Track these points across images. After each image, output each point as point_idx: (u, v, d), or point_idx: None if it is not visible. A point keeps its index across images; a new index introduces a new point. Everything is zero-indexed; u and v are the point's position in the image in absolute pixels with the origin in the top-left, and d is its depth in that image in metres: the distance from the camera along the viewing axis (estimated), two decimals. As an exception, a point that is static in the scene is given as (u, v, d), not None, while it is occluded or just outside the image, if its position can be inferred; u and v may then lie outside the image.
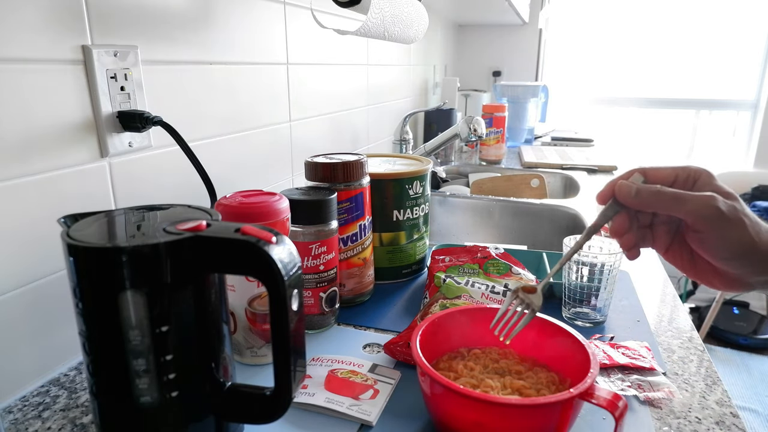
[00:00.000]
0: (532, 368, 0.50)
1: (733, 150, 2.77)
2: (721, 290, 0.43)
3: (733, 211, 0.39)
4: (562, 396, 0.40)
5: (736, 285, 0.42)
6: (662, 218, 0.44)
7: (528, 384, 0.47)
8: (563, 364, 0.49)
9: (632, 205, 0.42)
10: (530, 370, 0.50)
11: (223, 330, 0.41)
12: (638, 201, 0.42)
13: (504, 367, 0.50)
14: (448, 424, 0.44)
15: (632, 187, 0.42)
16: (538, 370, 0.50)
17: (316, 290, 0.64)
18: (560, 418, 0.41)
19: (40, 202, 0.52)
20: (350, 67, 1.18)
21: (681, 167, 0.43)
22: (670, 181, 0.43)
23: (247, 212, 0.52)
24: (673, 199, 0.40)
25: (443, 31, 2.09)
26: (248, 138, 0.83)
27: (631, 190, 0.42)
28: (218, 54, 0.74)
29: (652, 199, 0.41)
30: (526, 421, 0.41)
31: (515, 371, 0.50)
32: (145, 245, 0.34)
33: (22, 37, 0.48)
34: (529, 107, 2.13)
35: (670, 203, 0.40)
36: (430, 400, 0.45)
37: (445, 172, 1.57)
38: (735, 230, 0.39)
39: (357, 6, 0.83)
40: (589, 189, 1.39)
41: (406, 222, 0.79)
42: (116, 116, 0.58)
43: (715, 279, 0.43)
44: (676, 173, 0.43)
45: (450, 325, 0.53)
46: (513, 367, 0.50)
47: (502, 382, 0.47)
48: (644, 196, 0.41)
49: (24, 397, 0.51)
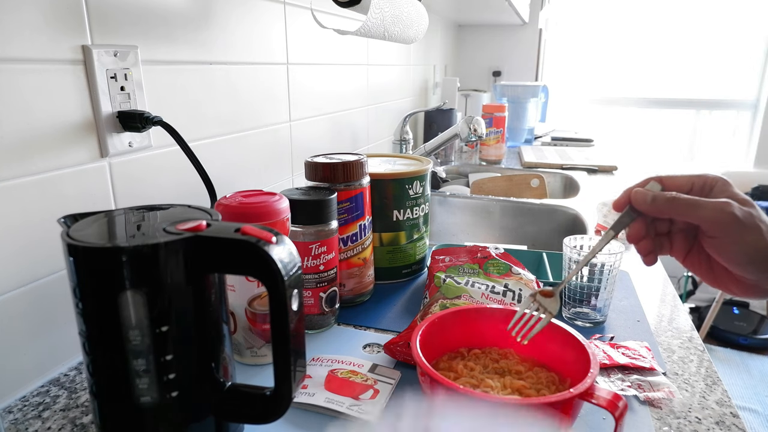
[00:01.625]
0: (532, 368, 0.50)
1: (733, 150, 2.77)
2: (739, 297, 0.44)
3: (749, 217, 0.39)
4: (562, 396, 0.40)
5: (753, 291, 0.43)
6: (680, 225, 0.45)
7: (528, 384, 0.47)
8: (563, 364, 0.49)
9: (648, 211, 0.43)
10: (530, 370, 0.50)
11: (223, 330, 0.41)
12: (654, 207, 0.42)
13: (504, 367, 0.50)
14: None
15: (648, 194, 0.43)
16: (538, 370, 0.50)
17: (316, 290, 0.64)
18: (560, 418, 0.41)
19: (40, 202, 0.52)
20: (350, 67, 1.18)
21: (697, 175, 0.44)
22: (686, 188, 0.43)
23: (247, 212, 0.52)
24: (687, 205, 0.41)
25: (443, 31, 2.09)
26: (248, 138, 0.83)
27: (646, 197, 0.43)
28: (218, 54, 0.74)
29: (668, 206, 0.42)
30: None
31: (515, 371, 0.50)
32: (145, 245, 0.34)
33: (22, 36, 0.48)
34: (529, 107, 2.13)
35: (685, 209, 0.41)
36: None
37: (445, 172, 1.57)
38: (751, 236, 0.39)
39: (357, 6, 0.83)
40: (589, 189, 1.39)
41: (406, 222, 0.79)
42: (116, 116, 0.58)
43: (732, 285, 0.43)
44: (692, 181, 0.44)
45: (450, 325, 0.53)
46: (513, 367, 0.50)
47: (502, 382, 0.47)
48: (660, 202, 0.42)
49: (24, 397, 0.51)
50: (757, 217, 0.40)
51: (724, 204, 0.40)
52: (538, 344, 0.51)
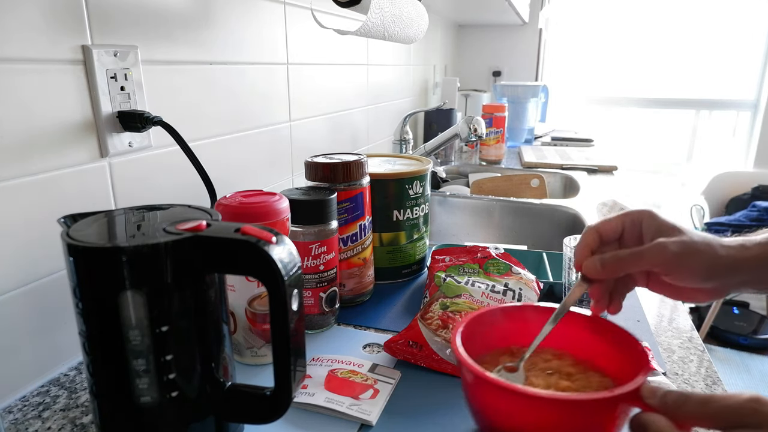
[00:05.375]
0: (585, 372, 0.47)
1: (733, 150, 2.78)
2: (707, 302, 0.46)
3: (683, 246, 0.42)
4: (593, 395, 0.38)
5: (719, 294, 0.46)
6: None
7: (576, 386, 0.44)
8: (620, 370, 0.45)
9: (602, 276, 0.46)
10: (583, 373, 0.47)
11: (223, 330, 0.41)
12: (606, 272, 0.46)
13: (555, 368, 0.47)
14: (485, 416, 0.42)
15: (596, 263, 0.46)
16: (591, 374, 0.47)
17: (316, 290, 0.64)
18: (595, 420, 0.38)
19: (40, 202, 0.52)
20: (350, 67, 1.18)
21: (624, 214, 0.48)
22: (619, 230, 0.47)
23: (247, 212, 0.52)
24: (631, 257, 0.44)
25: (443, 31, 2.09)
26: (248, 138, 0.83)
27: (596, 266, 0.46)
28: (218, 54, 0.74)
29: (616, 266, 0.45)
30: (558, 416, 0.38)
31: (566, 373, 0.47)
32: (145, 245, 0.34)
33: (22, 36, 0.48)
34: (529, 107, 2.13)
35: (631, 262, 0.44)
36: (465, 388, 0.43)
37: (445, 172, 1.57)
38: (694, 260, 0.42)
39: (357, 6, 0.83)
40: (589, 189, 1.39)
41: (406, 222, 0.79)
42: (116, 116, 0.58)
43: (698, 295, 0.47)
44: (623, 221, 0.47)
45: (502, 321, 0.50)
46: (565, 368, 0.47)
47: (546, 381, 0.45)
48: (609, 265, 0.45)
49: (24, 397, 0.51)
50: (689, 241, 0.43)
51: (660, 248, 0.43)
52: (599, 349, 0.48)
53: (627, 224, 0.47)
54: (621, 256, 0.45)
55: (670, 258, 0.42)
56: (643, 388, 0.38)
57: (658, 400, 0.36)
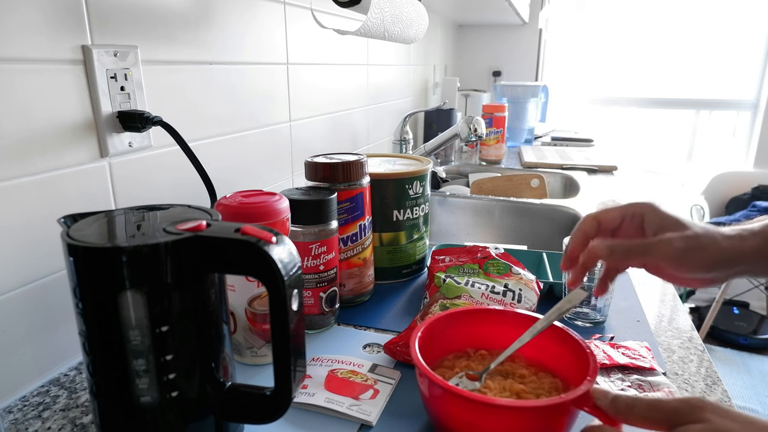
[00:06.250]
0: (537, 373, 0.49)
1: (733, 150, 2.77)
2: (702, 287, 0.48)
3: (689, 242, 0.43)
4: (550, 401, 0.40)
5: (717, 282, 0.47)
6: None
7: (529, 389, 0.46)
8: (569, 371, 0.47)
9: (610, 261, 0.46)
10: (534, 375, 0.49)
11: (223, 330, 0.41)
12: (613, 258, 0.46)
13: (508, 370, 0.49)
14: (443, 423, 0.44)
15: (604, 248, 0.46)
16: (543, 375, 0.49)
17: (316, 290, 0.64)
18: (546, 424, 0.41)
19: (40, 202, 0.52)
20: (350, 67, 1.18)
21: (625, 205, 0.48)
22: (618, 221, 0.48)
23: (247, 212, 0.52)
24: (639, 249, 0.44)
25: (443, 31, 2.09)
26: (248, 138, 0.83)
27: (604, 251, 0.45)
28: (218, 54, 0.74)
29: (624, 255, 0.45)
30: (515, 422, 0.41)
31: (519, 375, 0.49)
32: (145, 245, 0.34)
33: (22, 36, 0.48)
34: (529, 107, 2.13)
35: (638, 254, 0.45)
36: (425, 399, 0.45)
37: (445, 172, 1.57)
38: (699, 255, 0.43)
39: (357, 6, 0.83)
40: (589, 189, 1.39)
41: (406, 222, 0.79)
42: (116, 116, 0.58)
43: (696, 282, 0.47)
44: (623, 213, 0.47)
45: (458, 325, 0.52)
46: (518, 370, 0.49)
47: (502, 384, 0.47)
48: (617, 252, 0.45)
49: (24, 397, 0.51)
50: (694, 236, 0.43)
51: (666, 243, 0.43)
52: (547, 350, 0.50)
53: (627, 216, 0.47)
54: (629, 246, 0.45)
55: (676, 254, 0.43)
56: (593, 391, 0.40)
57: (609, 402, 0.39)
